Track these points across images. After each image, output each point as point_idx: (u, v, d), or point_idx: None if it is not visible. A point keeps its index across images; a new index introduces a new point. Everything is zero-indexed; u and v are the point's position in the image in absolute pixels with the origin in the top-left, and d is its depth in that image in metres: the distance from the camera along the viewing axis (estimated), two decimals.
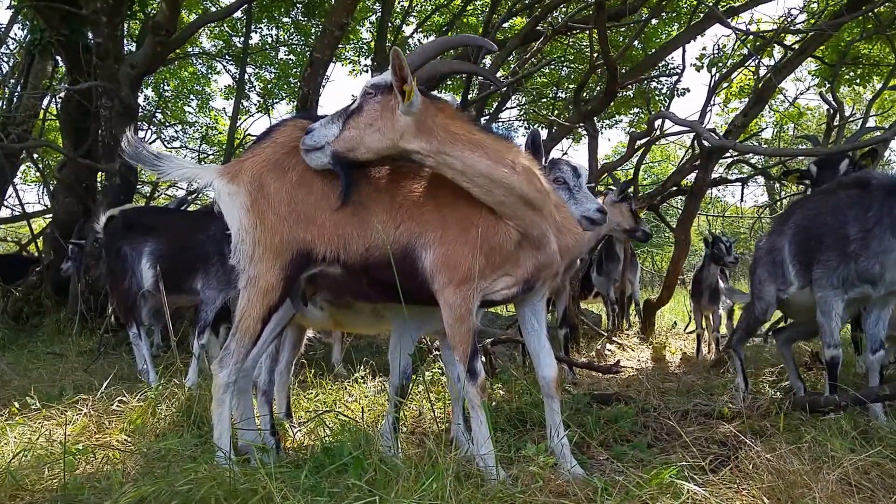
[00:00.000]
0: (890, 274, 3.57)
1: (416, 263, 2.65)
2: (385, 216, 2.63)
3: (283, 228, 2.58)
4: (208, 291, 4.93)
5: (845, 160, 4.79)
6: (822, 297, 3.81)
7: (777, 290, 4.18)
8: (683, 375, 5.37)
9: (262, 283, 2.59)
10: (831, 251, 3.77)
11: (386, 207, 2.64)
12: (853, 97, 13.69)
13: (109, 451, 2.97)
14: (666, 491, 2.37)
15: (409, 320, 3.08)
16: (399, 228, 2.63)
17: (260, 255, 2.59)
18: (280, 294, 2.61)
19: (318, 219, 2.60)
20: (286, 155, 2.64)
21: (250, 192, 2.60)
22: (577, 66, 11.24)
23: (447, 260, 2.61)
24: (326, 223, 2.61)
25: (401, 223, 2.63)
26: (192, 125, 16.69)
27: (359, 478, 2.30)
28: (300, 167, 2.62)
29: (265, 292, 2.59)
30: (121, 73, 7.17)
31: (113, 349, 6.23)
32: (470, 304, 2.65)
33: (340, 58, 13.49)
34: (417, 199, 2.68)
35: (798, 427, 3.33)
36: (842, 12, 6.29)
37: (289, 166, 2.63)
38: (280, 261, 2.58)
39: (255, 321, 2.61)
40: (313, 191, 2.62)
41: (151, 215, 5.87)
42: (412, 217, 2.65)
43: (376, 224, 2.60)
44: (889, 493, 2.42)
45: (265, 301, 2.59)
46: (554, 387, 2.92)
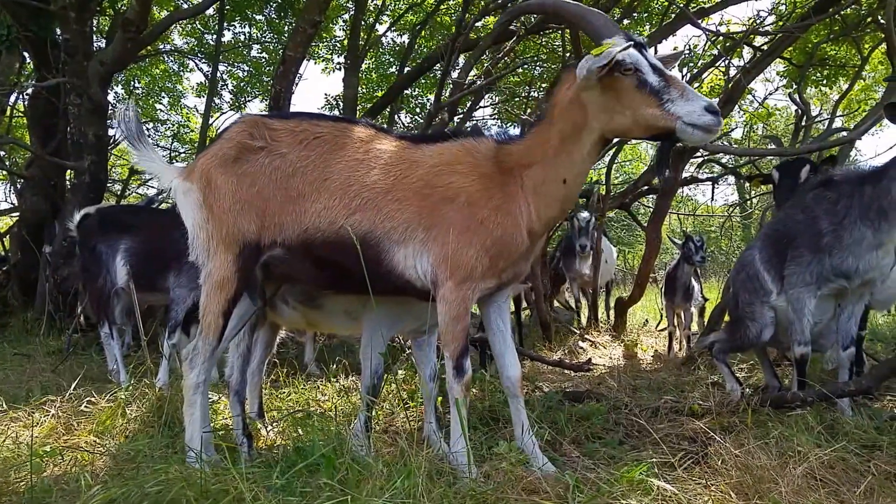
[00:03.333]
0: (863, 264, 3.62)
1: (382, 254, 2.70)
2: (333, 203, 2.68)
3: (229, 220, 2.68)
4: (178, 290, 4.89)
5: (806, 166, 4.85)
6: (793, 295, 3.84)
7: (762, 305, 4.07)
8: (655, 373, 5.44)
9: (217, 276, 2.70)
10: (804, 248, 3.80)
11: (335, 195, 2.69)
12: (820, 98, 13.97)
13: (78, 452, 2.92)
14: (636, 488, 2.40)
15: (381, 320, 3.09)
16: (354, 216, 2.67)
17: (214, 249, 2.71)
18: (236, 286, 2.71)
19: (261, 208, 2.69)
20: (233, 149, 2.72)
21: (201, 188, 2.71)
22: (550, 65, 11.29)
23: (449, 258, 2.64)
24: (268, 212, 2.70)
25: (357, 211, 2.67)
26: (164, 123, 16.46)
27: (331, 477, 2.30)
28: (247, 161, 2.71)
29: (221, 285, 2.69)
30: (90, 69, 7.04)
31: (82, 349, 6.12)
32: (467, 304, 2.70)
33: (314, 56, 13.41)
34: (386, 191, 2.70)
35: (766, 423, 3.39)
36: (809, 14, 6.40)
37: (235, 160, 2.71)
38: (231, 253, 2.68)
39: (216, 316, 2.70)
40: (256, 182, 2.70)
41: (126, 213, 5.82)
42: (375, 208, 2.68)
43: (318, 210, 2.68)
44: (853, 486, 2.48)
45: (223, 294, 2.69)
46: (518, 386, 2.95)
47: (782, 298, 3.96)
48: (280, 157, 2.70)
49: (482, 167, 2.76)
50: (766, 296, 4.05)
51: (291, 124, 2.77)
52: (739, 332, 4.21)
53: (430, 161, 2.77)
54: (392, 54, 13.69)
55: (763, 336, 4.09)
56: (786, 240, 3.94)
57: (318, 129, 2.77)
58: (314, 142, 2.74)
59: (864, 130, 5.11)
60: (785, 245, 3.94)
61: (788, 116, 16.36)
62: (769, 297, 4.04)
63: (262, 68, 14.04)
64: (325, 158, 2.72)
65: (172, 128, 16.61)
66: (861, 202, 3.60)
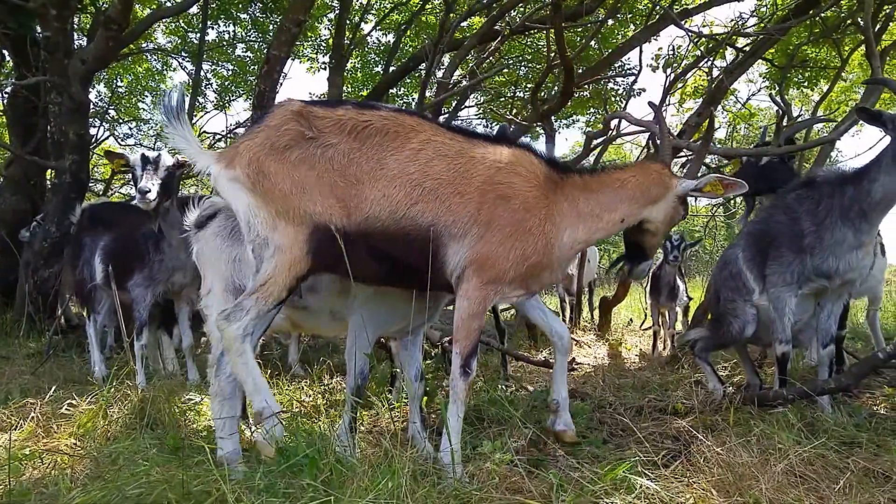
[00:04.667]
0: (843, 264, 3.66)
1: (441, 248, 2.74)
2: (393, 192, 2.69)
3: (293, 201, 2.61)
4: (137, 290, 4.86)
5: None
6: (774, 294, 3.88)
7: (745, 303, 4.11)
8: (639, 372, 5.47)
9: (289, 254, 2.60)
10: (785, 248, 3.83)
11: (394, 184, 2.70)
12: (801, 99, 14.13)
13: (57, 455, 2.88)
14: (620, 486, 2.42)
15: (366, 320, 3.08)
16: (416, 206, 2.69)
17: (283, 226, 2.61)
18: (309, 265, 2.63)
19: (324, 193, 2.64)
20: (282, 138, 2.67)
21: (250, 176, 2.63)
22: (535, 65, 11.33)
23: (484, 257, 2.73)
24: (331, 196, 2.65)
25: (419, 202, 2.69)
26: (147, 122, 16.32)
27: (314, 478, 2.29)
28: (298, 148, 2.67)
29: (292, 263, 2.60)
30: (71, 68, 6.96)
31: (62, 351, 6.05)
32: (487, 303, 2.80)
33: (298, 55, 13.37)
34: (448, 183, 2.75)
35: (748, 421, 3.42)
36: (789, 17, 6.48)
37: (286, 148, 2.66)
38: (301, 232, 2.61)
39: (280, 288, 2.60)
40: (314, 167, 2.66)
41: (111, 210, 5.82)
42: (437, 199, 2.71)
43: (378, 199, 2.67)
44: (832, 482, 2.51)
45: (292, 271, 2.60)
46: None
47: (764, 297, 4.00)
48: (332, 147, 2.69)
49: (539, 177, 2.90)
50: (749, 294, 4.08)
51: (337, 113, 2.75)
52: (722, 329, 4.24)
53: (490, 159, 2.84)
54: (377, 53, 13.68)
55: (745, 332, 4.11)
56: (767, 239, 3.98)
57: (364, 118, 2.75)
58: (364, 131, 2.73)
59: (844, 131, 5.16)
60: (767, 245, 3.97)
61: (771, 117, 16.52)
62: (752, 296, 4.07)
63: (246, 67, 13.97)
64: (378, 148, 2.73)
65: (156, 127, 16.45)
66: (842, 203, 3.64)
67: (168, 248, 4.77)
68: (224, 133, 14.48)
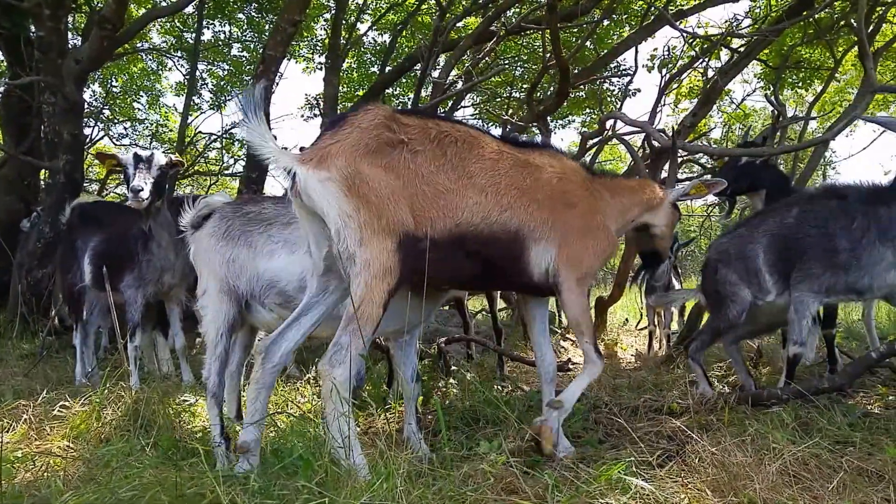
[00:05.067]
0: (879, 282, 3.69)
1: (525, 250, 2.94)
2: (484, 199, 2.81)
3: (389, 208, 2.57)
4: (129, 291, 4.83)
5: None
6: (798, 298, 3.86)
7: (753, 297, 4.12)
8: (635, 372, 5.47)
9: (378, 265, 2.52)
10: (816, 262, 3.81)
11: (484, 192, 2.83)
12: (796, 99, 14.17)
13: (50, 458, 2.87)
14: (615, 487, 2.41)
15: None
16: (506, 213, 2.86)
17: (369, 238, 2.52)
18: (398, 276, 2.56)
19: (409, 202, 2.64)
20: (374, 141, 2.64)
21: (345, 177, 2.53)
22: (531, 66, 11.34)
23: (575, 260, 3.05)
24: (416, 205, 2.66)
25: (507, 209, 2.86)
26: (142, 122, 16.24)
27: (309, 479, 2.28)
28: (387, 155, 2.65)
29: (383, 275, 2.53)
30: (65, 67, 6.93)
31: (56, 352, 6.01)
32: (587, 298, 3.24)
33: (294, 55, 13.34)
34: (527, 190, 2.94)
35: (743, 421, 3.42)
36: (783, 18, 6.50)
37: (376, 152, 2.63)
38: (392, 242, 2.54)
39: (376, 306, 2.51)
40: (400, 176, 2.66)
41: (101, 209, 5.78)
42: (522, 206, 2.90)
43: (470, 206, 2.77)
44: (826, 482, 2.51)
45: (384, 284, 2.53)
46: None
47: (781, 299, 4.01)
48: (419, 153, 2.70)
49: (584, 180, 3.25)
50: (763, 294, 4.08)
51: (419, 121, 2.79)
52: (721, 313, 4.27)
53: (549, 167, 3.10)
54: (373, 53, 13.66)
55: (742, 317, 4.17)
56: (795, 249, 3.94)
57: (443, 128, 2.82)
58: (445, 140, 2.79)
59: (838, 131, 5.18)
60: (793, 254, 3.94)
61: (766, 117, 16.57)
62: (766, 296, 4.08)
63: (242, 67, 13.93)
64: (461, 157, 2.82)
65: (151, 127, 16.39)
66: (878, 223, 3.66)
67: (157, 248, 4.74)
68: (220, 133, 14.46)
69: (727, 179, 5.11)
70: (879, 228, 3.66)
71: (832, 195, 3.99)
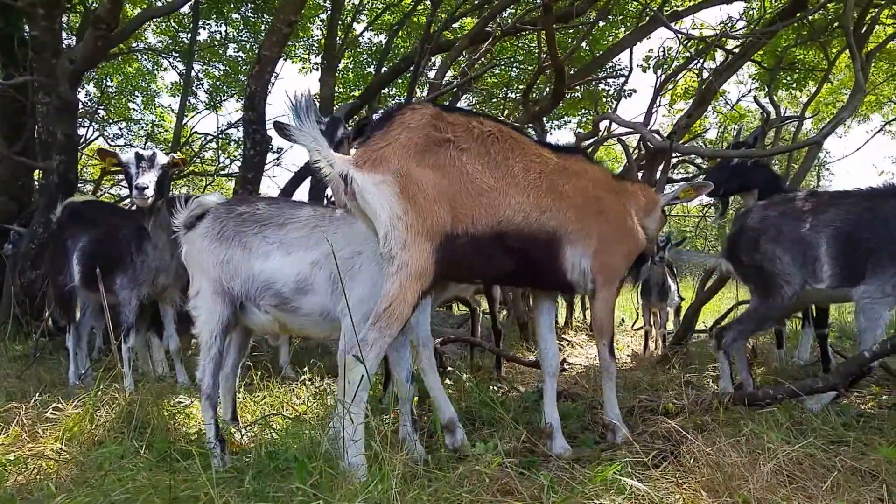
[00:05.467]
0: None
1: (560, 250, 3.06)
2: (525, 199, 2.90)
3: (434, 211, 2.61)
4: (123, 292, 4.81)
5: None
6: (868, 305, 3.82)
7: (804, 281, 4.03)
8: (630, 372, 5.48)
9: (415, 267, 2.57)
10: (888, 260, 3.78)
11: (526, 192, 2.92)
12: (790, 100, 14.22)
13: (43, 460, 2.85)
14: (610, 487, 2.42)
15: (358, 322, 3.05)
16: (545, 214, 2.96)
17: (412, 241, 2.57)
18: (431, 278, 2.62)
19: (452, 200, 2.68)
20: (422, 140, 2.68)
21: (399, 180, 2.57)
22: (526, 66, 11.35)
23: (607, 266, 3.22)
24: (458, 203, 2.71)
25: (546, 210, 2.96)
26: (137, 122, 16.20)
27: (303, 481, 2.27)
28: (434, 153, 2.69)
29: (418, 276, 2.57)
30: (59, 67, 6.89)
31: (49, 354, 5.98)
32: (615, 297, 3.39)
33: (290, 55, 13.32)
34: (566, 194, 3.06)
35: (738, 421, 3.43)
36: (777, 20, 6.53)
37: (424, 151, 2.67)
38: (432, 244, 2.60)
39: (407, 306, 2.57)
40: (446, 175, 2.70)
41: (92, 209, 5.72)
42: (560, 209, 3.01)
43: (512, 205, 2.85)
44: (820, 481, 2.52)
45: (418, 285, 2.58)
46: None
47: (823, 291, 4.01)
48: (465, 151, 2.75)
49: (612, 184, 3.40)
50: (814, 281, 4.02)
51: (463, 119, 2.83)
52: (772, 295, 4.12)
53: (584, 174, 3.22)
54: (369, 54, 13.65)
55: (794, 300, 4.09)
56: (861, 250, 3.90)
57: (487, 128, 2.87)
58: (489, 139, 2.84)
59: (828, 132, 5.20)
60: (860, 255, 3.90)
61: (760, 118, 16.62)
62: (814, 283, 4.02)
63: (238, 67, 13.90)
64: (504, 156, 2.88)
65: (146, 127, 16.35)
66: None
67: (153, 249, 4.71)
68: (216, 133, 14.43)
69: (719, 180, 5.18)
70: None
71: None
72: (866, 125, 14.47)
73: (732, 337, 4.29)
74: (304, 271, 3.10)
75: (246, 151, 6.86)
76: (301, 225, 3.19)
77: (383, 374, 4.49)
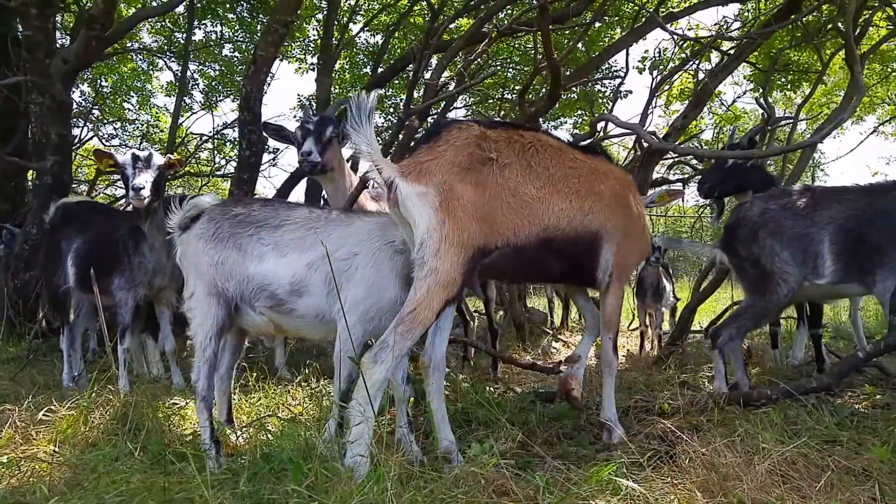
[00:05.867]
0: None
1: (599, 250, 3.23)
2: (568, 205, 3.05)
3: (471, 226, 2.73)
4: (119, 293, 4.79)
5: None
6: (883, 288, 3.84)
7: (803, 278, 4.04)
8: (626, 372, 5.48)
9: (444, 276, 2.66)
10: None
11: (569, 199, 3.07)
12: (785, 102, 14.26)
13: (36, 463, 2.84)
14: (605, 488, 2.42)
15: (355, 323, 3.05)
16: (588, 217, 3.12)
17: (445, 250, 2.67)
18: (458, 288, 2.72)
19: (491, 215, 2.80)
20: (466, 159, 2.80)
21: (440, 193, 2.69)
22: (523, 67, 11.36)
23: (624, 264, 3.37)
24: (499, 217, 2.83)
25: (589, 213, 3.12)
26: (132, 122, 16.13)
27: (299, 483, 2.27)
28: (477, 171, 2.81)
29: (446, 285, 2.67)
30: (52, 67, 6.86)
31: (43, 356, 5.95)
32: (623, 295, 3.52)
33: (286, 56, 13.29)
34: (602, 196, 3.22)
35: (732, 421, 3.44)
36: (771, 21, 6.55)
37: (468, 170, 2.79)
38: (463, 256, 2.70)
39: (432, 312, 2.66)
40: (486, 191, 2.82)
41: (86, 210, 5.70)
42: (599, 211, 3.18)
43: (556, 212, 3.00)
44: (814, 481, 2.53)
45: (444, 293, 2.67)
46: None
47: (822, 287, 4.02)
48: (507, 167, 2.88)
49: (630, 184, 3.50)
50: (814, 276, 4.02)
51: (505, 135, 2.96)
52: (769, 292, 4.12)
53: (609, 174, 3.34)
54: (366, 54, 13.63)
55: (790, 297, 4.12)
56: (866, 244, 3.90)
57: (527, 140, 3.01)
58: (529, 151, 2.98)
59: (826, 134, 5.21)
60: (864, 249, 3.91)
61: (756, 119, 16.67)
62: (813, 279, 4.02)
63: (233, 68, 13.86)
64: (545, 166, 3.01)
65: (141, 127, 16.28)
66: None
67: (150, 250, 4.70)
68: (212, 134, 14.39)
69: (715, 181, 5.20)
70: None
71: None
72: (860, 126, 14.50)
73: (728, 336, 4.27)
74: (300, 273, 3.10)
75: (241, 152, 6.84)
76: (296, 226, 3.19)
77: None
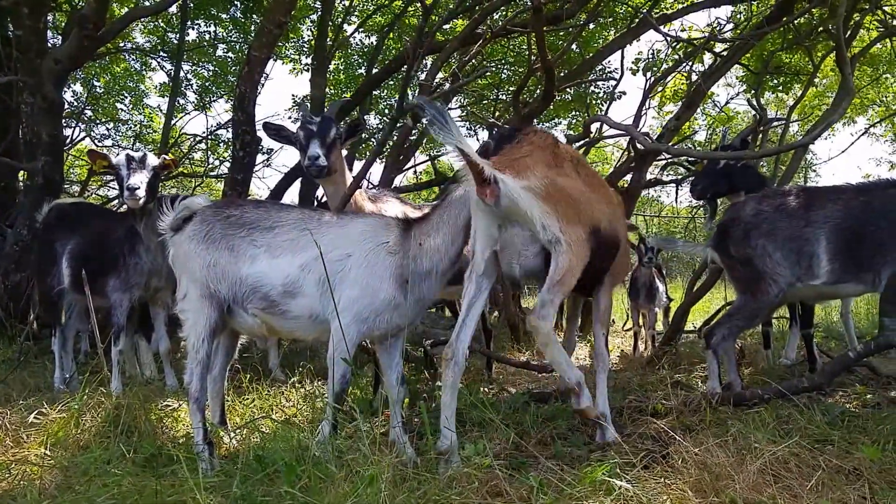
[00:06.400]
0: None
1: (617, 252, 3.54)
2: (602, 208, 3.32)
3: (577, 207, 3.05)
4: (115, 294, 4.76)
5: None
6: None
7: (795, 279, 4.03)
8: (620, 372, 5.50)
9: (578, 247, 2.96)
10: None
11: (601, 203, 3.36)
12: (777, 103, 14.32)
13: (27, 466, 2.82)
14: (599, 488, 2.42)
15: (348, 324, 3.04)
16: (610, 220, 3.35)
17: (566, 225, 2.95)
18: (587, 261, 3.03)
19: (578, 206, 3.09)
20: (551, 157, 3.19)
21: (544, 185, 2.96)
22: (517, 68, 11.36)
23: (621, 266, 3.75)
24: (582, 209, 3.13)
25: (611, 218, 3.37)
26: (125, 123, 16.05)
27: (292, 485, 2.26)
28: (558, 167, 3.17)
29: (581, 257, 2.99)
30: (44, 67, 6.82)
31: (34, 358, 5.91)
32: None
33: (280, 56, 13.26)
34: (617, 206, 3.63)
35: (725, 421, 3.45)
36: (764, 24, 6.58)
37: (555, 165, 3.16)
38: (584, 231, 3.03)
39: (575, 278, 2.96)
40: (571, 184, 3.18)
41: (79, 211, 5.66)
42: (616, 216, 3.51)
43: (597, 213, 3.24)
44: (805, 481, 2.54)
45: (580, 263, 2.98)
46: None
47: (816, 287, 4.03)
48: (566, 171, 3.21)
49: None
50: (809, 277, 4.01)
51: (564, 147, 3.45)
52: (759, 293, 4.11)
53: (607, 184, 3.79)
54: (360, 55, 13.61)
55: (779, 298, 4.15)
56: (865, 243, 3.91)
57: (570, 152, 3.46)
58: (573, 161, 3.35)
59: (817, 135, 5.25)
60: (864, 247, 3.91)
61: (748, 120, 16.73)
62: (808, 279, 4.01)
63: (227, 68, 13.80)
64: (585, 174, 3.38)
65: (134, 128, 16.20)
66: None
67: (145, 251, 4.69)
68: (205, 135, 14.34)
69: (707, 182, 5.23)
70: None
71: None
72: (851, 127, 14.55)
73: (721, 336, 4.25)
74: (293, 274, 3.09)
75: (235, 153, 6.82)
76: (289, 228, 3.18)
77: (373, 376, 4.48)
